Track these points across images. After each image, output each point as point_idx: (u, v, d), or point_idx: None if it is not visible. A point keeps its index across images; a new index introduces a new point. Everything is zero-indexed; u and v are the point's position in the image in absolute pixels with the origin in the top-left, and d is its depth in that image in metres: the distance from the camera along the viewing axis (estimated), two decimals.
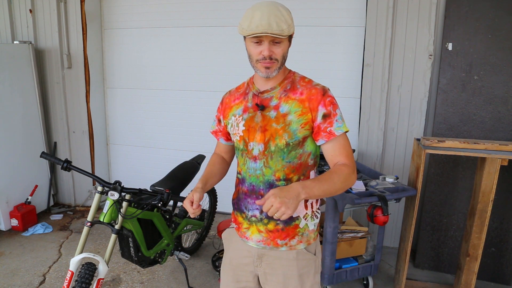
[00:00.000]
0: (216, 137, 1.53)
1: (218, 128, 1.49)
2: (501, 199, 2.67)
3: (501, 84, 2.64)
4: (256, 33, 1.15)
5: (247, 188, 1.36)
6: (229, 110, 1.40)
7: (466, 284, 2.42)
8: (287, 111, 1.27)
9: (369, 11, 2.96)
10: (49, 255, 3.06)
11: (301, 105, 1.26)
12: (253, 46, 1.21)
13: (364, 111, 3.11)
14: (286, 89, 1.30)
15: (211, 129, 1.54)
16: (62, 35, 3.65)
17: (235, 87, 1.45)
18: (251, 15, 1.16)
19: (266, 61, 1.21)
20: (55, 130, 3.92)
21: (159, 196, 1.99)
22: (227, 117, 1.41)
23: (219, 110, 1.47)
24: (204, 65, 3.62)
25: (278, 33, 1.15)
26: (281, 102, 1.29)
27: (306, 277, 1.39)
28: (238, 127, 1.35)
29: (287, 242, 1.35)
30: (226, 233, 1.53)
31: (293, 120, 1.26)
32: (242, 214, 1.40)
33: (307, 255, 1.39)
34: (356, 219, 2.96)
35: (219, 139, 1.52)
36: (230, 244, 1.50)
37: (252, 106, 1.33)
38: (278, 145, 1.27)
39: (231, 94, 1.43)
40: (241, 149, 1.36)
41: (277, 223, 1.33)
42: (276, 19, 1.14)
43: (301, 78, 1.34)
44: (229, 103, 1.41)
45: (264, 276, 1.40)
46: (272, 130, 1.28)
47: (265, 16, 1.14)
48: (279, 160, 1.29)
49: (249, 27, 1.16)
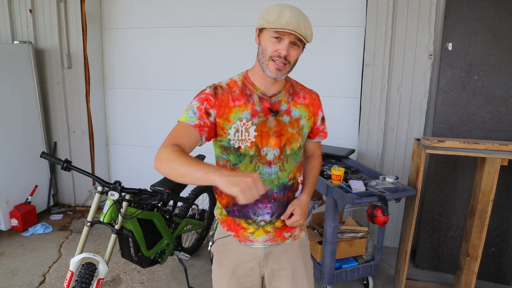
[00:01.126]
0: (199, 132, 1.21)
1: (201, 122, 1.21)
2: (501, 199, 2.67)
3: (501, 84, 2.64)
4: (286, 29, 1.13)
5: None
6: (229, 111, 1.24)
7: (466, 284, 2.42)
8: (298, 116, 1.33)
9: (369, 11, 2.96)
10: (49, 255, 3.06)
11: (307, 110, 1.35)
12: (271, 42, 1.18)
13: (364, 111, 3.11)
14: (290, 93, 1.34)
15: (190, 122, 1.21)
16: (62, 35, 3.65)
17: (224, 84, 1.29)
18: (280, 10, 1.15)
19: (281, 60, 1.18)
20: (55, 130, 3.92)
21: (159, 196, 1.99)
22: (226, 118, 1.24)
23: (209, 102, 1.23)
24: (204, 65, 3.62)
25: (304, 36, 1.16)
26: (291, 107, 1.32)
27: (308, 261, 1.48)
28: (248, 133, 1.25)
29: (291, 234, 1.42)
30: (218, 245, 1.42)
31: (305, 124, 1.35)
32: (248, 220, 1.34)
33: (306, 241, 1.51)
34: (356, 219, 2.95)
35: (202, 135, 1.22)
36: (228, 254, 1.41)
37: (262, 110, 1.27)
38: (294, 148, 1.32)
39: (225, 91, 1.26)
40: (251, 155, 1.27)
41: (282, 220, 1.38)
42: (304, 23, 1.16)
43: (296, 82, 1.40)
44: (226, 101, 1.24)
45: (271, 273, 1.41)
46: (288, 134, 1.30)
47: (295, 16, 1.15)
48: (292, 162, 1.34)
49: (278, 21, 1.13)
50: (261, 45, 1.22)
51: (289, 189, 1.35)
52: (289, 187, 1.35)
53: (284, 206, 1.35)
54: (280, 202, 1.34)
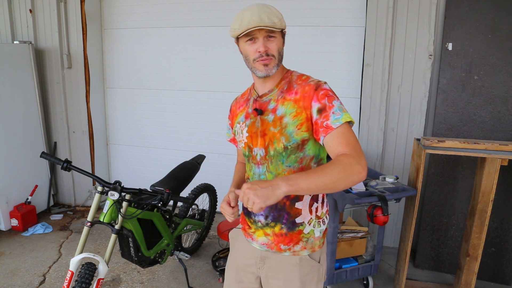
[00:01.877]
0: (234, 144, 1.53)
1: (233, 135, 1.48)
2: (501, 199, 2.66)
3: (501, 84, 2.64)
4: (249, 28, 1.15)
5: None
6: (235, 117, 1.41)
7: (466, 284, 2.42)
8: (283, 114, 1.24)
9: (369, 11, 2.96)
10: (49, 255, 3.06)
11: (295, 105, 1.22)
12: (247, 45, 1.21)
13: (364, 111, 3.11)
14: (283, 90, 1.27)
15: (227, 137, 1.54)
16: (62, 35, 3.65)
17: (240, 94, 1.46)
18: (241, 15, 1.18)
19: (263, 57, 1.19)
20: (55, 130, 3.92)
21: (159, 196, 1.99)
22: (234, 125, 1.42)
23: (229, 118, 1.48)
24: (204, 65, 3.62)
25: (270, 25, 1.15)
26: (278, 105, 1.26)
27: (309, 284, 1.35)
28: (242, 134, 1.35)
29: (290, 247, 1.32)
30: (233, 233, 1.54)
31: (289, 122, 1.22)
32: (249, 219, 1.39)
33: (311, 262, 1.34)
34: (356, 219, 2.95)
35: (238, 146, 1.50)
36: (235, 244, 1.50)
37: (252, 111, 1.32)
38: (277, 149, 1.25)
39: (237, 102, 1.44)
40: (247, 155, 1.37)
41: (282, 227, 1.30)
42: (267, 14, 1.16)
43: (298, 77, 1.28)
44: (235, 111, 1.42)
45: (266, 279, 1.39)
46: (270, 134, 1.26)
47: (256, 12, 1.16)
48: (279, 164, 1.27)
49: (241, 25, 1.16)
50: (242, 53, 1.26)
51: None
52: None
53: (278, 210, 1.30)
54: (273, 205, 1.29)
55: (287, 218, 1.30)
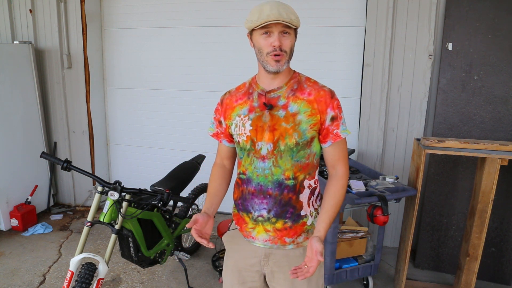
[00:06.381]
0: (217, 139, 1.49)
1: (218, 130, 1.46)
2: (501, 199, 2.67)
3: (501, 84, 2.64)
4: (268, 21, 1.18)
5: (254, 188, 1.36)
6: (231, 110, 1.39)
7: (466, 284, 2.42)
8: (296, 111, 1.29)
9: (369, 11, 2.96)
10: (49, 255, 3.06)
11: (310, 106, 1.29)
12: (262, 38, 1.23)
13: (364, 111, 3.11)
14: (293, 89, 1.32)
15: (210, 132, 1.50)
16: (62, 35, 3.65)
17: (234, 88, 1.45)
18: (260, 8, 1.21)
19: (276, 52, 1.22)
20: (55, 130, 3.92)
21: (159, 196, 1.99)
22: (229, 118, 1.39)
23: (218, 112, 1.45)
24: (204, 65, 3.62)
25: (288, 21, 1.19)
26: (290, 102, 1.30)
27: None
28: (244, 127, 1.34)
29: (294, 239, 1.38)
30: (227, 236, 1.52)
31: (303, 120, 1.29)
32: (248, 214, 1.39)
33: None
34: (356, 219, 2.95)
35: (221, 141, 1.48)
36: (233, 247, 1.49)
37: (259, 105, 1.33)
38: (288, 144, 1.29)
39: (231, 95, 1.42)
40: (247, 149, 1.35)
41: (285, 221, 1.35)
42: (285, 10, 1.20)
43: (307, 79, 1.36)
44: (230, 104, 1.40)
45: (271, 274, 1.41)
46: (281, 129, 1.29)
47: (275, 7, 1.19)
48: (289, 159, 1.31)
49: (260, 17, 1.19)
50: (256, 45, 1.28)
51: (288, 189, 1.33)
52: (289, 187, 1.33)
53: (282, 205, 1.33)
54: (277, 200, 1.33)
55: (292, 212, 1.35)
